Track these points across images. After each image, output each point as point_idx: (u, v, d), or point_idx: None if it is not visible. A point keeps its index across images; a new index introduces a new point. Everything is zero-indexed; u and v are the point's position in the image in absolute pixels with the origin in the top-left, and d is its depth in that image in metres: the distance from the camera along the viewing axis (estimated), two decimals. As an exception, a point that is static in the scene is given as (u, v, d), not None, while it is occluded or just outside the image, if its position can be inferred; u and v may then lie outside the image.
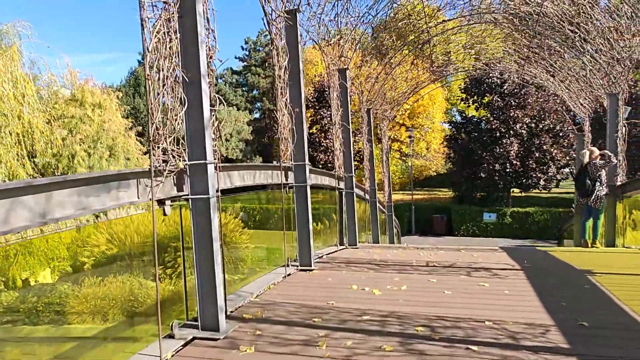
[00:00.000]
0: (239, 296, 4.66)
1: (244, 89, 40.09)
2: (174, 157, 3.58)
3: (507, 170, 23.50)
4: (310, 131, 28.83)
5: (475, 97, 25.57)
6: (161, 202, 3.56)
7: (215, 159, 3.96)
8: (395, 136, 30.22)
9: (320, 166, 27.88)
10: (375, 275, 5.60)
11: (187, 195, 3.70)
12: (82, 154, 19.81)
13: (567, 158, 23.94)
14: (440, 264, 6.21)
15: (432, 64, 12.27)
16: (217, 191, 4.02)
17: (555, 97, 23.84)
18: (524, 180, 24.01)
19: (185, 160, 3.65)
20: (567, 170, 24.96)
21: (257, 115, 38.61)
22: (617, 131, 9.42)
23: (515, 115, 23.54)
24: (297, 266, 6.03)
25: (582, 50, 9.87)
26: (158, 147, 3.41)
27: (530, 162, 23.54)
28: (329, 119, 27.89)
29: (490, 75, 24.21)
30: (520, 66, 12.02)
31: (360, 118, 11.46)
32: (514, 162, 23.25)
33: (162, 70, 3.45)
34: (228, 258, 8.98)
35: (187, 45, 3.64)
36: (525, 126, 23.73)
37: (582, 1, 8.54)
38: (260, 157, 33.34)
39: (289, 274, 5.66)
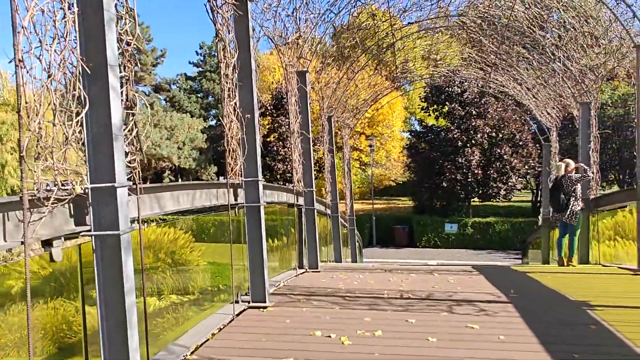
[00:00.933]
0: (170, 353, 3.63)
1: (198, 95, 38.52)
2: (66, 178, 2.55)
3: (469, 179, 23.30)
4: (268, 139, 27.80)
5: (436, 106, 25.34)
6: (48, 243, 2.52)
7: (133, 179, 2.96)
8: (355, 145, 29.67)
9: (278, 176, 26.86)
10: (341, 313, 4.70)
11: (89, 230, 2.67)
12: (13, 163, 17.97)
13: (526, 167, 24.03)
14: (416, 294, 5.38)
15: (396, 70, 11.60)
16: (135, 221, 3.01)
17: (515, 107, 23.97)
18: (484, 190, 23.88)
19: (85, 183, 2.63)
20: (524, 179, 25.05)
21: (212, 123, 37.20)
22: (589, 142, 9.01)
23: (476, 124, 23.43)
24: (249, 302, 5.04)
25: (552, 56, 9.44)
26: (38, 165, 2.37)
27: (492, 171, 23.44)
28: (287, 127, 26.97)
29: (452, 83, 24.10)
30: (487, 73, 11.55)
31: (320, 126, 10.61)
32: (476, 171, 23.08)
33: (47, 56, 2.43)
34: (176, 280, 7.82)
35: (89, 24, 2.63)
36: (486, 135, 23.65)
37: (556, 4, 8.06)
38: (216, 167, 31.92)
39: (238, 314, 4.68)
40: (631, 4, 6.84)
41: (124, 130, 2.86)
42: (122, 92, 2.89)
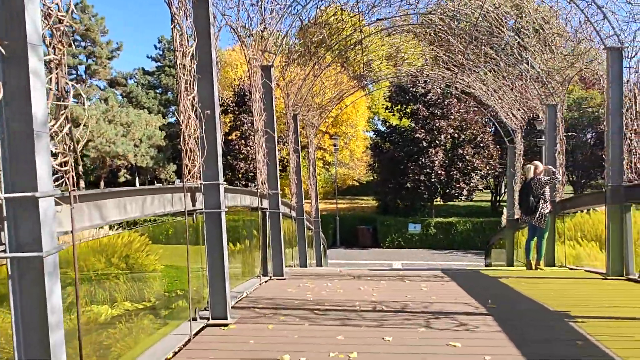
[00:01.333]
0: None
1: (157, 90, 37.15)
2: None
3: (432, 180, 23.37)
4: (229, 137, 27.02)
5: (400, 106, 25.32)
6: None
7: (66, 185, 2.44)
8: (319, 144, 29.35)
9: (240, 175, 26.14)
10: (311, 330, 4.28)
11: (4, 251, 2.14)
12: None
13: (487, 168, 24.35)
14: (389, 306, 5.03)
15: (363, 67, 11.29)
16: (66, 233, 2.49)
17: (477, 108, 24.20)
18: (447, 191, 24.04)
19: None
20: (485, 180, 25.39)
21: (172, 120, 35.96)
22: (555, 144, 8.98)
23: (440, 125, 23.54)
24: (208, 318, 4.55)
25: (519, 58, 9.37)
26: None
27: (455, 172, 23.62)
28: (250, 124, 26.29)
29: (416, 84, 24.10)
30: (454, 74, 11.42)
31: (284, 125, 10.16)
32: (439, 172, 23.18)
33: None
34: (130, 286, 7.19)
35: (4, -7, 2.10)
36: (449, 136, 23.79)
37: (525, 4, 7.94)
38: (175, 165, 30.81)
39: (196, 333, 4.18)
40: (602, 5, 6.77)
41: (53, 126, 2.34)
42: (50, 80, 2.37)
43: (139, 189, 3.76)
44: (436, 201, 26.87)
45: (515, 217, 11.95)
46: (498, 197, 31.69)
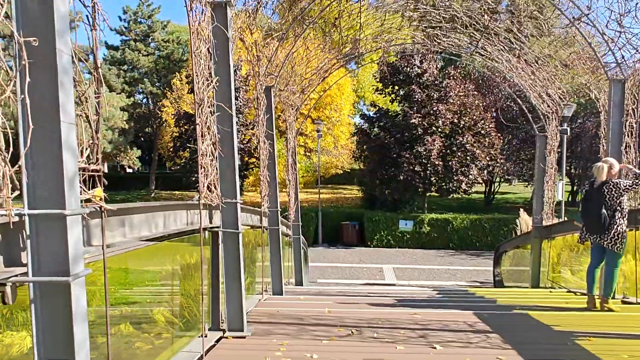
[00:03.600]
0: None
1: (121, 67, 33.69)
2: None
3: (428, 172, 20.75)
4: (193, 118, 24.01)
5: (392, 87, 22.60)
6: None
7: None
8: (301, 129, 26.63)
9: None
10: None
11: None
12: None
13: (488, 159, 21.91)
14: None
15: (360, 30, 8.69)
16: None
17: (476, 93, 21.90)
18: (444, 184, 21.47)
19: None
20: (485, 172, 22.90)
21: (138, 98, 32.72)
22: (623, 133, 6.59)
23: (438, 109, 20.94)
24: None
25: (573, 17, 6.89)
26: None
27: (453, 162, 20.99)
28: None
29: (411, 63, 21.52)
30: (475, 40, 8.90)
31: (255, 101, 7.51)
32: (436, 162, 20.55)
33: None
34: None
35: None
36: (448, 122, 21.20)
37: None
38: (139, 150, 27.75)
39: None
40: None
41: None
42: None
43: None
44: (432, 195, 24.41)
45: (544, 223, 9.62)
46: (492, 190, 29.63)
